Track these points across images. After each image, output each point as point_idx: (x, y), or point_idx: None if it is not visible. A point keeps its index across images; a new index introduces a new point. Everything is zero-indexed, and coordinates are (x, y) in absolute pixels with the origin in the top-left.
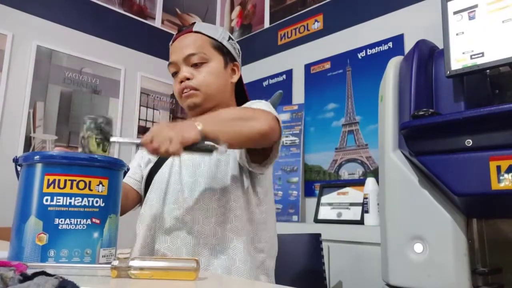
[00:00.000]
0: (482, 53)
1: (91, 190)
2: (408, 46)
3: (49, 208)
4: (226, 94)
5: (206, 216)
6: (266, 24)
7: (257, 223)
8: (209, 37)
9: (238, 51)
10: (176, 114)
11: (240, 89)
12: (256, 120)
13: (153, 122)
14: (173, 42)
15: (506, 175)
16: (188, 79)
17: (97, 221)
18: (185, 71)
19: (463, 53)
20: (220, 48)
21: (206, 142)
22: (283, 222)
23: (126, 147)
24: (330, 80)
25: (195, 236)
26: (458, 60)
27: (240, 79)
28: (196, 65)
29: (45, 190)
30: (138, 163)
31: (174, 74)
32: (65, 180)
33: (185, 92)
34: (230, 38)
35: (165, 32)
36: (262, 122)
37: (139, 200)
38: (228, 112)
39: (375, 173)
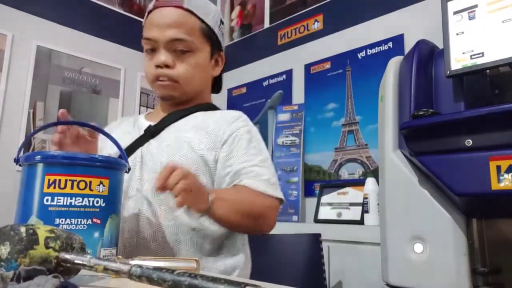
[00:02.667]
0: (482, 53)
1: (91, 190)
2: (408, 46)
3: (49, 208)
4: (204, 88)
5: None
6: (266, 24)
7: None
8: (201, 21)
9: (223, 36)
10: None
11: (217, 78)
12: (264, 220)
13: None
14: (153, 9)
15: (506, 175)
16: (167, 66)
17: (98, 221)
18: (165, 56)
19: (463, 53)
20: (209, 36)
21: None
22: (283, 222)
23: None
24: (330, 80)
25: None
26: (458, 60)
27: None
28: (179, 52)
29: (45, 190)
30: None
31: (149, 51)
32: (66, 180)
33: (161, 81)
34: (221, 22)
35: None
36: (268, 224)
37: None
38: (241, 202)
39: (375, 173)
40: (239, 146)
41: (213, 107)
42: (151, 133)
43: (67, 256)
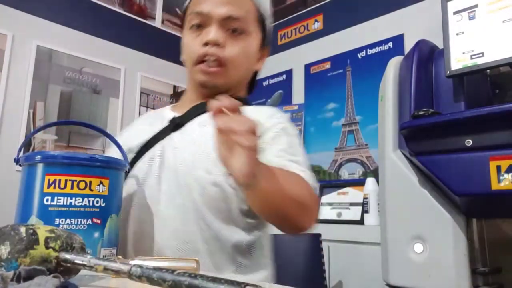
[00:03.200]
0: (482, 53)
1: (91, 190)
2: (408, 46)
3: (49, 208)
4: (244, 80)
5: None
6: None
7: None
8: (255, 6)
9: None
10: None
11: (254, 75)
12: (309, 213)
13: None
14: None
15: (506, 175)
16: (217, 45)
17: (98, 221)
18: (217, 34)
19: (463, 53)
20: (262, 23)
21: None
22: None
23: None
24: (330, 80)
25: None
26: (458, 60)
27: None
28: (231, 32)
29: (45, 190)
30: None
31: (195, 28)
32: (66, 180)
33: (207, 61)
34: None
35: (165, 32)
36: (310, 220)
37: None
38: (291, 184)
39: (375, 173)
40: (275, 142)
41: (246, 102)
42: (175, 125)
43: (67, 256)
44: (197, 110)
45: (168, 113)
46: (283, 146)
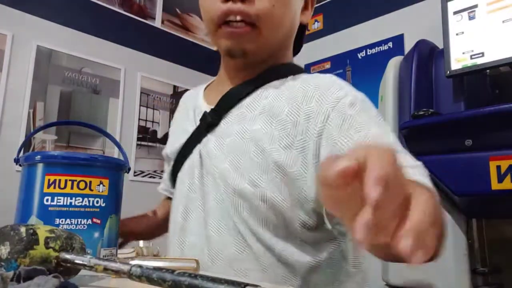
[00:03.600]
0: (482, 53)
1: (91, 190)
2: (408, 46)
3: (49, 208)
4: (290, 39)
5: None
6: None
7: None
8: None
9: None
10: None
11: (300, 30)
12: (444, 235)
13: (153, 122)
14: None
15: (506, 175)
16: (242, 1)
17: (98, 221)
18: None
19: (463, 53)
20: None
21: None
22: None
23: (125, 147)
24: None
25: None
26: (458, 60)
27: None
28: None
29: (45, 190)
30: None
31: None
32: (66, 180)
33: (233, 22)
34: None
35: (165, 32)
36: (444, 241)
37: None
38: (429, 212)
39: None
40: (349, 130)
41: (295, 69)
42: (207, 125)
43: (67, 256)
44: (230, 101)
45: (201, 103)
46: (374, 130)
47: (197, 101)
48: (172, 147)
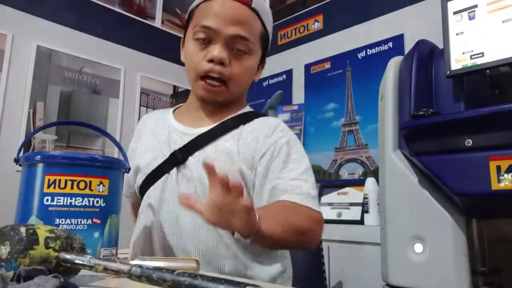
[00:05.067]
0: (482, 53)
1: (91, 190)
2: (408, 46)
3: (49, 208)
4: (244, 94)
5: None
6: None
7: None
8: (263, 26)
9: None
10: None
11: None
12: (311, 236)
13: None
14: None
15: (506, 175)
16: (221, 64)
17: (98, 221)
18: (222, 52)
19: (463, 53)
20: (265, 42)
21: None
22: None
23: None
24: (330, 80)
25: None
26: (458, 60)
27: None
28: (236, 52)
29: (45, 190)
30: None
31: (201, 41)
32: (66, 180)
33: (210, 80)
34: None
35: (165, 32)
36: (314, 240)
37: None
38: (287, 220)
39: (375, 173)
40: (278, 160)
41: (253, 115)
42: (178, 161)
43: (67, 256)
44: (198, 143)
45: (172, 124)
46: (285, 163)
47: (169, 121)
48: (144, 159)
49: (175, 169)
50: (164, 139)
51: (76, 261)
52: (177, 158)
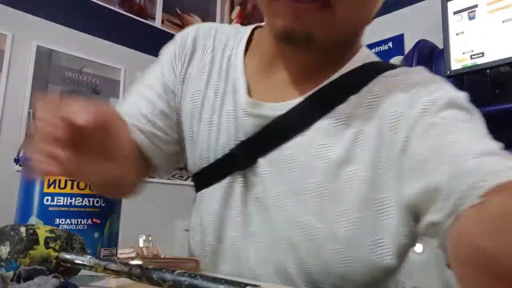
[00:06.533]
0: (482, 53)
1: (91, 190)
2: (408, 46)
3: (49, 208)
4: (366, 26)
5: None
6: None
7: None
8: None
9: None
10: None
11: None
12: None
13: None
14: None
15: None
16: None
17: (98, 221)
18: None
19: (463, 53)
20: None
21: None
22: None
23: None
24: None
25: None
26: (458, 60)
27: None
28: None
29: (45, 190)
30: (163, 104)
31: None
32: (66, 180)
33: None
34: None
35: (165, 32)
36: None
37: (145, 171)
38: None
39: None
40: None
41: (376, 68)
42: (241, 164)
43: (67, 256)
44: (274, 134)
45: (239, 74)
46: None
47: (235, 73)
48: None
49: (240, 177)
50: (230, 111)
51: (76, 261)
52: (239, 161)
